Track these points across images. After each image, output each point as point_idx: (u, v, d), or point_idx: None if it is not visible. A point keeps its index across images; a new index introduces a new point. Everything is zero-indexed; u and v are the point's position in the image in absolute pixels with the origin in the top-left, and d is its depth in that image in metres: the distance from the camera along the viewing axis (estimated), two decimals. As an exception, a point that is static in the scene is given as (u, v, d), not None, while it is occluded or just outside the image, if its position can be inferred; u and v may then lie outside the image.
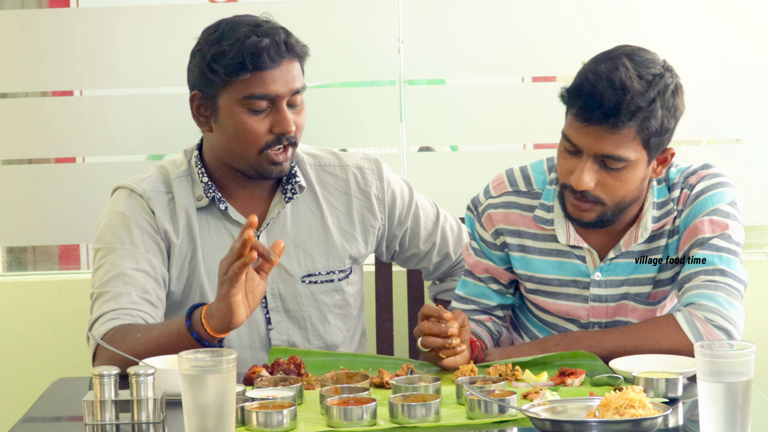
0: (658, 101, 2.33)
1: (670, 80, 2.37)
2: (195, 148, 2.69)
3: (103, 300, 2.52)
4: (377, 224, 2.75)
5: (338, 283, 2.72)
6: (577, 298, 2.54)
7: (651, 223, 2.47)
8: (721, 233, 2.43)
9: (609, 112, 2.31)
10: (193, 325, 2.35)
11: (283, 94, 2.55)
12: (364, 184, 2.75)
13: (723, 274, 2.40)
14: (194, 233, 2.63)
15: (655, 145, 2.37)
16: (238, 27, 2.56)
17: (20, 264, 3.61)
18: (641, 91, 2.32)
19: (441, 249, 2.83)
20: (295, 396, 2.12)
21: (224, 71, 2.54)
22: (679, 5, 3.31)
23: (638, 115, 2.32)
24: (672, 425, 2.02)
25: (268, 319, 2.68)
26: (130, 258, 2.56)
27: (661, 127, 2.35)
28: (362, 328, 2.84)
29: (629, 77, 2.32)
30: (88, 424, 2.08)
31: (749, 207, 3.24)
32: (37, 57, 3.31)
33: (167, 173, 2.66)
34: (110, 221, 2.62)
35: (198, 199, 2.64)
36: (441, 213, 2.86)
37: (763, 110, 3.35)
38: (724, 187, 2.48)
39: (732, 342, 1.90)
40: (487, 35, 3.32)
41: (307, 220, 2.70)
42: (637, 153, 2.36)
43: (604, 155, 2.35)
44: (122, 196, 2.64)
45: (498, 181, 2.60)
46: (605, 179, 2.37)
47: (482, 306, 2.62)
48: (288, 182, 2.67)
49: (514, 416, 2.03)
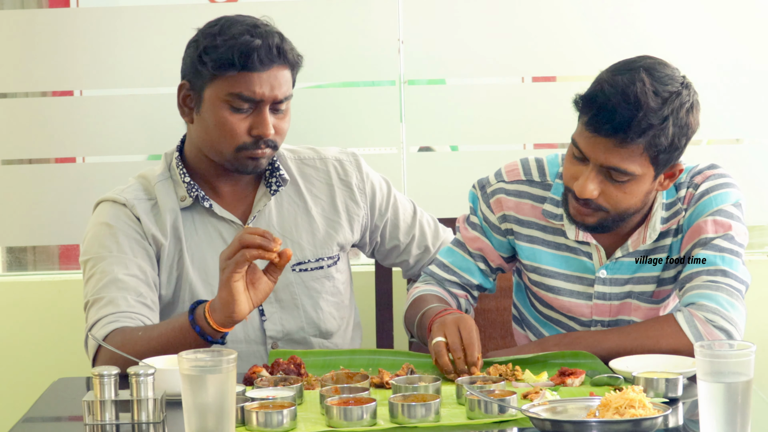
0: (671, 119, 2.31)
1: (687, 98, 2.34)
2: (175, 150, 2.70)
3: (99, 306, 2.52)
4: (361, 212, 2.77)
5: (328, 269, 2.73)
6: (581, 295, 2.54)
7: (660, 224, 2.47)
8: (724, 234, 2.43)
9: (619, 127, 2.29)
10: (196, 320, 2.37)
11: (267, 99, 2.56)
12: (345, 174, 2.77)
13: (725, 274, 2.40)
14: (180, 234, 2.64)
15: (664, 161, 2.36)
16: (235, 25, 2.57)
17: (20, 264, 3.61)
18: (655, 108, 2.30)
19: (420, 242, 2.84)
20: (295, 396, 2.12)
21: (212, 65, 2.55)
22: (680, 5, 3.31)
23: (648, 132, 2.30)
24: (672, 425, 2.02)
25: (261, 311, 2.69)
26: (120, 264, 2.57)
27: (671, 145, 2.33)
28: (355, 320, 2.85)
29: (644, 93, 2.29)
30: (88, 424, 2.09)
31: (749, 207, 3.23)
32: (37, 57, 3.31)
33: (146, 181, 2.68)
34: (96, 233, 2.62)
35: (182, 200, 2.65)
36: (418, 209, 2.88)
37: (763, 110, 3.35)
38: (729, 188, 2.47)
39: (732, 342, 1.90)
40: (487, 35, 3.32)
41: (291, 211, 2.72)
42: (644, 168, 2.35)
43: (610, 167, 2.34)
44: (105, 208, 2.65)
45: (512, 167, 2.59)
46: (609, 190, 2.37)
47: (463, 280, 2.62)
48: (272, 175, 2.69)
49: (514, 416, 2.03)
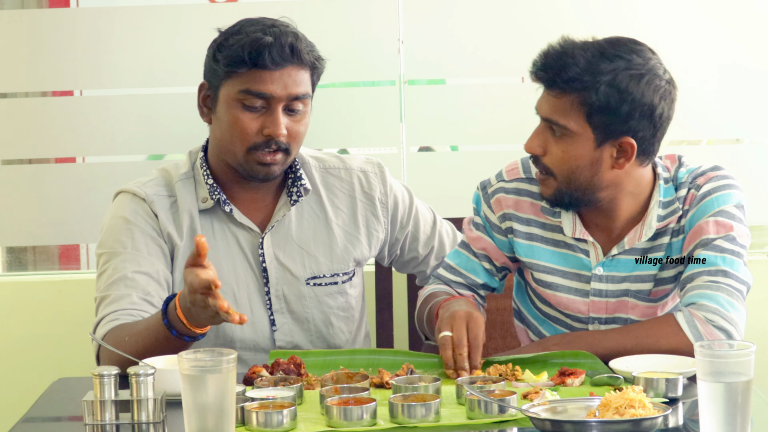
0: (606, 78, 2.35)
1: (639, 69, 2.37)
2: (200, 150, 2.68)
3: (105, 303, 2.53)
4: (380, 228, 2.75)
5: (342, 285, 2.72)
6: (578, 292, 2.54)
7: (656, 221, 2.47)
8: (725, 234, 2.43)
9: (549, 71, 2.39)
10: (171, 323, 2.34)
11: (280, 97, 2.55)
12: (369, 187, 2.75)
13: (725, 275, 2.40)
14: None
15: (601, 124, 2.38)
16: (254, 24, 2.57)
17: (20, 264, 3.61)
18: (585, 61, 2.36)
19: (439, 253, 2.84)
20: (295, 396, 2.12)
21: (225, 62, 2.55)
22: (680, 5, 3.31)
23: (575, 84, 2.36)
24: (672, 425, 2.02)
25: (273, 320, 2.68)
26: (133, 261, 2.56)
27: (606, 106, 2.36)
28: (365, 330, 2.84)
29: (584, 48, 2.38)
30: (88, 424, 2.08)
31: (749, 207, 3.24)
32: (37, 57, 3.31)
33: (169, 176, 2.66)
34: (113, 226, 2.62)
35: (203, 201, 2.64)
36: (438, 218, 2.86)
37: (763, 110, 3.35)
38: (731, 189, 2.48)
39: (732, 342, 1.90)
40: (487, 35, 3.32)
41: (311, 223, 2.70)
42: (580, 126, 2.39)
43: (550, 119, 2.41)
44: (125, 201, 2.63)
45: (512, 167, 2.61)
46: (552, 149, 2.42)
47: (468, 281, 2.63)
48: (294, 185, 2.66)
49: (514, 416, 2.03)
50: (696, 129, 3.36)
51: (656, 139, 2.43)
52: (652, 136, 2.41)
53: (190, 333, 2.34)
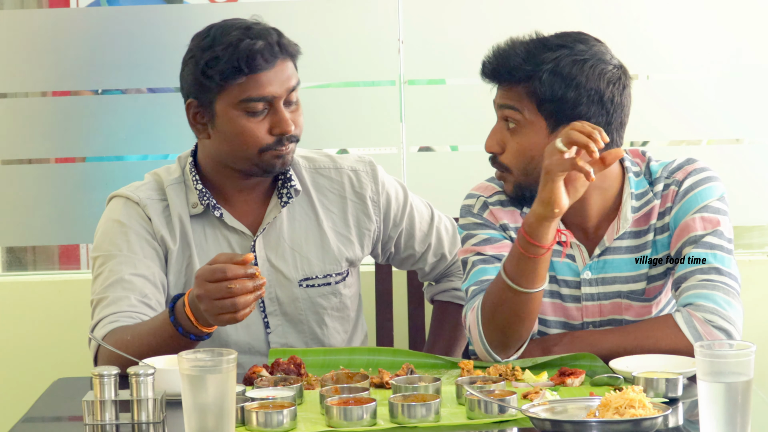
0: (549, 65, 2.36)
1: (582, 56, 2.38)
2: (189, 155, 2.68)
3: (102, 305, 2.53)
4: (372, 227, 2.75)
5: (335, 286, 2.72)
6: (569, 298, 2.53)
7: (630, 213, 2.47)
8: (713, 230, 2.43)
9: (495, 68, 2.42)
10: (178, 320, 2.35)
11: (280, 95, 2.55)
12: (359, 186, 2.74)
13: (719, 272, 2.40)
14: (189, 240, 2.63)
15: (552, 112, 2.38)
16: (229, 31, 2.54)
17: (20, 264, 3.61)
18: (530, 51, 2.39)
19: (437, 250, 2.83)
20: (295, 396, 2.12)
21: (219, 76, 2.52)
22: (680, 5, 3.31)
23: (518, 74, 2.38)
24: (672, 425, 2.02)
25: (267, 323, 2.68)
26: (129, 264, 2.57)
27: (552, 93, 2.37)
28: (363, 331, 2.84)
29: (529, 42, 2.41)
30: (88, 424, 2.08)
31: (749, 207, 3.24)
32: (37, 57, 3.32)
33: (161, 180, 2.67)
34: (107, 229, 2.62)
35: (193, 206, 2.64)
36: (435, 214, 2.85)
37: (763, 110, 3.35)
38: (712, 182, 2.48)
39: (732, 342, 1.90)
40: (487, 35, 3.30)
41: (302, 224, 2.70)
42: (532, 115, 2.39)
43: (503, 104, 2.42)
44: (118, 205, 2.64)
45: (482, 186, 2.58)
46: (509, 143, 2.42)
47: None
48: (283, 186, 2.66)
49: (514, 416, 2.03)
50: (696, 129, 3.36)
51: (613, 127, 2.41)
52: (607, 123, 2.40)
53: (196, 332, 2.35)
